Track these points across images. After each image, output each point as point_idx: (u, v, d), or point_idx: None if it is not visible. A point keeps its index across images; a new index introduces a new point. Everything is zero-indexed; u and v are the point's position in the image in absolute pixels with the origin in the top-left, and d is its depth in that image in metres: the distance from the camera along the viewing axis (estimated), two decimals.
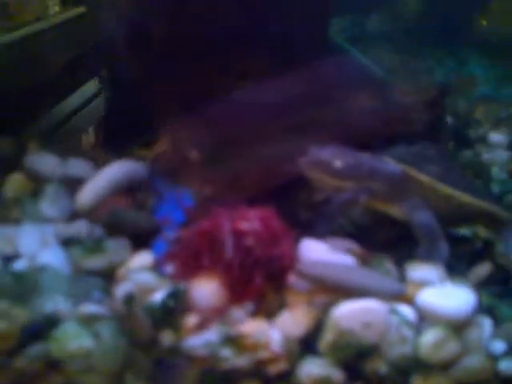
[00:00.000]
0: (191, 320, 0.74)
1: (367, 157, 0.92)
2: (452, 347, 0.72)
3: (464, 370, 0.73)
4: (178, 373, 0.74)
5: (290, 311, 0.77)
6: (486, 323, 0.75)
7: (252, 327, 0.74)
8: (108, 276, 0.79)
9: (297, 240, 0.85)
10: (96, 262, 0.79)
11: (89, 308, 0.73)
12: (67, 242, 0.82)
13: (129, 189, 0.88)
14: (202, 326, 0.74)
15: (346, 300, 0.75)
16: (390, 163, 0.92)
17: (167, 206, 0.86)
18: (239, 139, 0.91)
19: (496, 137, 1.42)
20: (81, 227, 0.84)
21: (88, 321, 0.73)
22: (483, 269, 0.87)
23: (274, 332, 0.74)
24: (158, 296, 0.74)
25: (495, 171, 1.32)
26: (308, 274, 0.78)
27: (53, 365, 0.72)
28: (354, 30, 2.04)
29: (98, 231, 0.84)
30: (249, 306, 0.77)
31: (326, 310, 0.76)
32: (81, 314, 0.73)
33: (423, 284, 0.78)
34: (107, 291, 0.76)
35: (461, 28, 1.90)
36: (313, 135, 0.96)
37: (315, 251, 0.84)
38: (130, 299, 0.72)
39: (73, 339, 0.72)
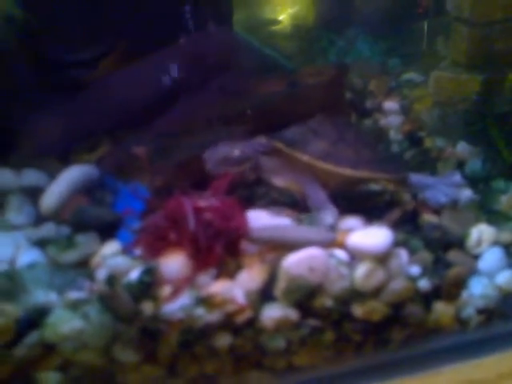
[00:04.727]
0: (166, 290, 0.86)
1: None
2: (379, 275, 0.90)
3: (391, 292, 0.91)
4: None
5: (247, 270, 0.91)
6: (403, 253, 0.94)
7: (218, 287, 0.88)
8: (84, 266, 0.90)
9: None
10: (71, 255, 0.89)
11: (74, 294, 0.83)
12: (40, 243, 0.91)
13: (86, 189, 0.98)
14: (175, 294, 0.87)
15: (290, 253, 0.91)
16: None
17: (125, 200, 0.97)
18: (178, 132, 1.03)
19: (389, 105, 1.64)
20: (49, 229, 0.93)
21: (75, 305, 0.83)
22: (394, 213, 1.06)
23: (237, 288, 0.89)
24: (134, 275, 0.86)
25: (392, 134, 1.53)
26: (259, 238, 0.93)
27: (49, 348, 0.82)
28: (250, 22, 2.19)
29: (65, 230, 0.94)
30: (212, 271, 0.90)
31: (275, 263, 0.91)
32: (68, 300, 0.83)
33: (349, 230, 0.95)
34: (86, 278, 0.86)
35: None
36: (235, 123, 1.11)
37: (260, 219, 0.99)
38: (112, 280, 0.83)
39: (64, 323, 0.82)
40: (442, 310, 0.95)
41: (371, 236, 0.91)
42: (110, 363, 0.86)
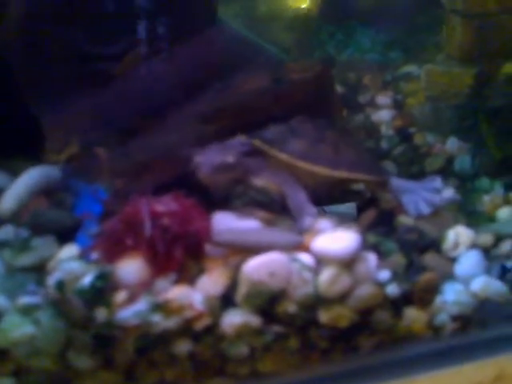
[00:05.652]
0: (121, 296, 0.84)
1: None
2: (344, 281, 0.86)
3: (358, 298, 0.88)
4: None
5: (208, 275, 0.88)
6: (372, 258, 0.90)
7: (175, 293, 0.85)
8: (40, 270, 0.88)
9: (211, 215, 0.97)
10: (26, 259, 0.87)
11: (26, 300, 0.82)
12: None
13: (46, 191, 0.96)
14: (131, 300, 0.84)
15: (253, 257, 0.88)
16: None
17: (85, 202, 0.94)
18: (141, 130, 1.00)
19: (382, 99, 1.59)
20: (7, 231, 0.91)
21: (27, 311, 0.82)
22: (369, 214, 1.02)
23: (196, 294, 0.86)
24: (87, 280, 0.83)
25: (383, 129, 1.48)
26: (222, 241, 0.90)
27: (2, 354, 0.81)
28: (248, 13, 2.15)
29: (24, 233, 0.92)
30: (172, 276, 0.87)
31: (238, 268, 0.88)
32: (19, 305, 0.81)
33: (317, 233, 0.92)
34: (40, 283, 0.84)
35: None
36: (208, 120, 1.07)
37: (225, 222, 0.96)
38: (60, 285, 0.81)
39: (15, 328, 0.80)
40: (413, 316, 0.91)
41: (336, 240, 0.87)
42: (66, 369, 0.84)
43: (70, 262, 0.85)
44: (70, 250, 0.90)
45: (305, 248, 0.90)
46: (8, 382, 0.82)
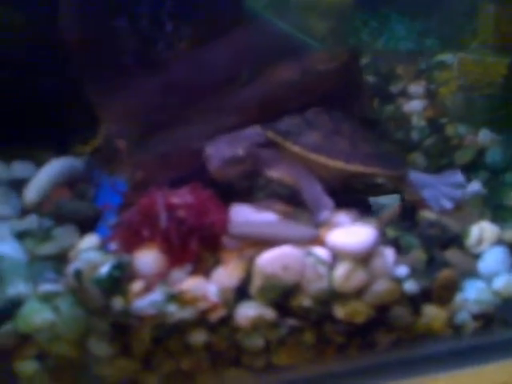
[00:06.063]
0: (137, 285, 0.85)
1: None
2: (360, 276, 0.85)
3: (374, 294, 0.86)
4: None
5: (224, 267, 0.89)
6: (389, 253, 0.88)
7: (190, 284, 0.86)
8: (62, 259, 0.90)
9: (230, 207, 0.97)
10: (48, 248, 0.90)
11: (46, 287, 0.84)
12: (21, 235, 0.92)
13: (69, 182, 0.99)
14: (147, 290, 0.86)
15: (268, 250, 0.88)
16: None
17: (106, 193, 0.96)
18: (163, 123, 1.01)
19: (414, 88, 1.55)
20: (32, 221, 0.94)
21: (47, 298, 0.84)
22: (392, 207, 1.00)
23: (210, 285, 0.86)
24: (104, 269, 0.85)
25: (414, 120, 1.45)
26: (238, 234, 0.90)
27: (25, 339, 0.84)
28: (281, 1, 2.13)
29: (48, 222, 0.95)
30: (187, 267, 0.88)
31: (252, 261, 0.88)
32: (40, 293, 0.84)
33: (334, 227, 0.91)
34: (60, 272, 0.87)
35: None
36: (229, 112, 1.07)
37: (243, 214, 0.96)
38: (78, 274, 0.83)
39: (36, 314, 0.83)
40: (433, 314, 0.89)
41: (353, 234, 0.86)
42: (85, 355, 0.87)
43: (88, 252, 0.88)
44: (91, 240, 0.92)
45: (320, 242, 0.89)
46: (32, 365, 0.86)
